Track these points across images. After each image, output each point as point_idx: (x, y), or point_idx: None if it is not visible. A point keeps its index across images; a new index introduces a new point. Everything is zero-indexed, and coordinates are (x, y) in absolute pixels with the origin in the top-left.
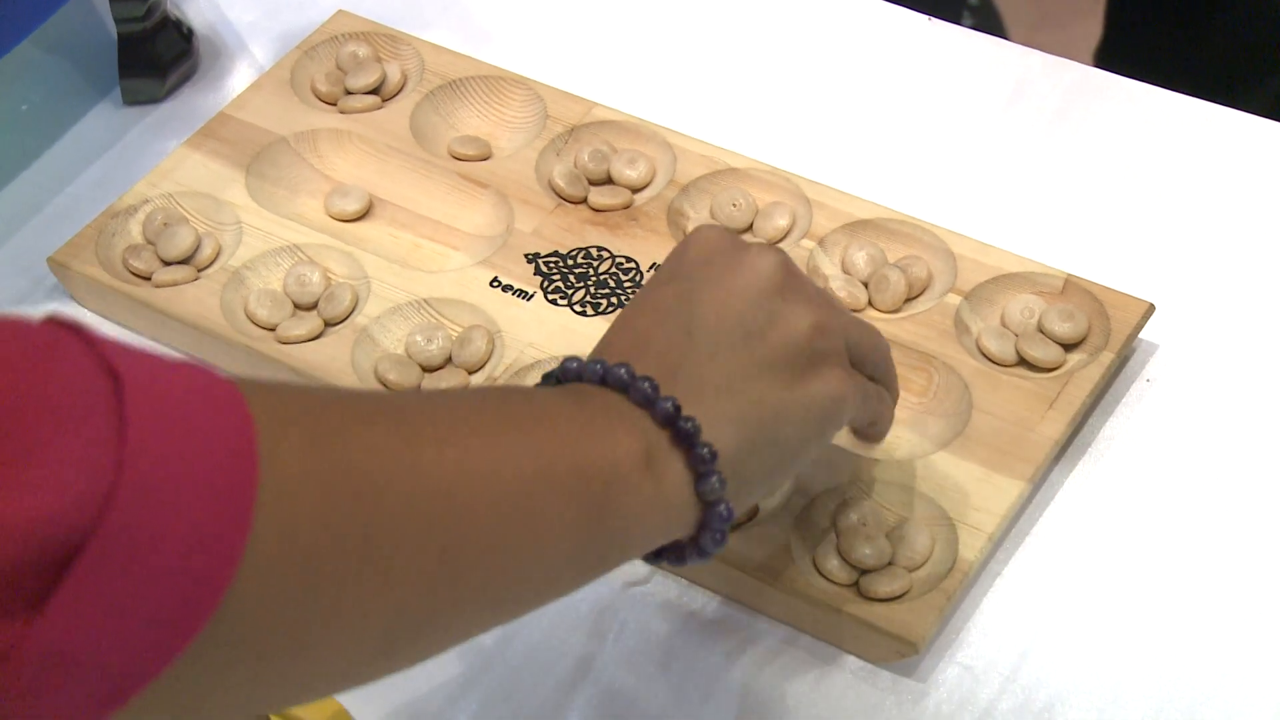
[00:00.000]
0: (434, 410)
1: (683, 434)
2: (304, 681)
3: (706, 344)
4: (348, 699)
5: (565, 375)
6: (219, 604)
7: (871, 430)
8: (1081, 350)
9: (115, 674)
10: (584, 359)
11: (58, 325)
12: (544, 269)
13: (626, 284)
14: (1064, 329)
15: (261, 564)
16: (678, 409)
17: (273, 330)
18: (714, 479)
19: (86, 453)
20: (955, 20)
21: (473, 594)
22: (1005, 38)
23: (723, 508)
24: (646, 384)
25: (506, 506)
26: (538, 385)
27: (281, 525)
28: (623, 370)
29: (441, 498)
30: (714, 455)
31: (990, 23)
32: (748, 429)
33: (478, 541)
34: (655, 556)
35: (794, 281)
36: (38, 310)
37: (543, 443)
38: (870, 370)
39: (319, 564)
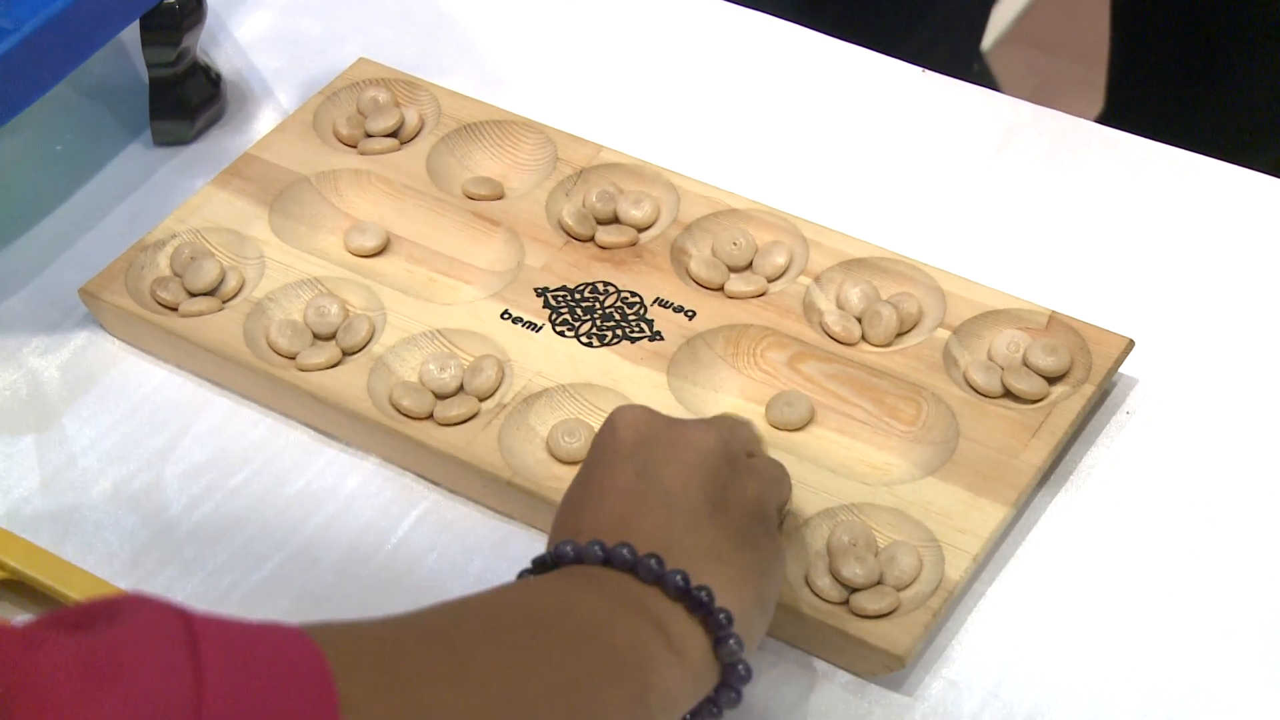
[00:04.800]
0: (482, 631)
1: (698, 603)
2: None
3: (685, 517)
4: None
5: (561, 559)
6: None
7: None
8: (1064, 383)
9: None
10: (576, 543)
11: (126, 595)
12: (553, 302)
13: (631, 317)
14: (1047, 363)
15: None
16: (688, 580)
17: (293, 359)
18: (732, 641)
19: (166, 671)
20: None
21: None
22: None
23: (742, 667)
24: (653, 560)
25: (565, 713)
26: (530, 571)
27: None
28: (625, 550)
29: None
30: (730, 619)
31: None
32: (746, 590)
33: None
34: None
35: (732, 452)
36: (68, 337)
37: (578, 644)
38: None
39: None
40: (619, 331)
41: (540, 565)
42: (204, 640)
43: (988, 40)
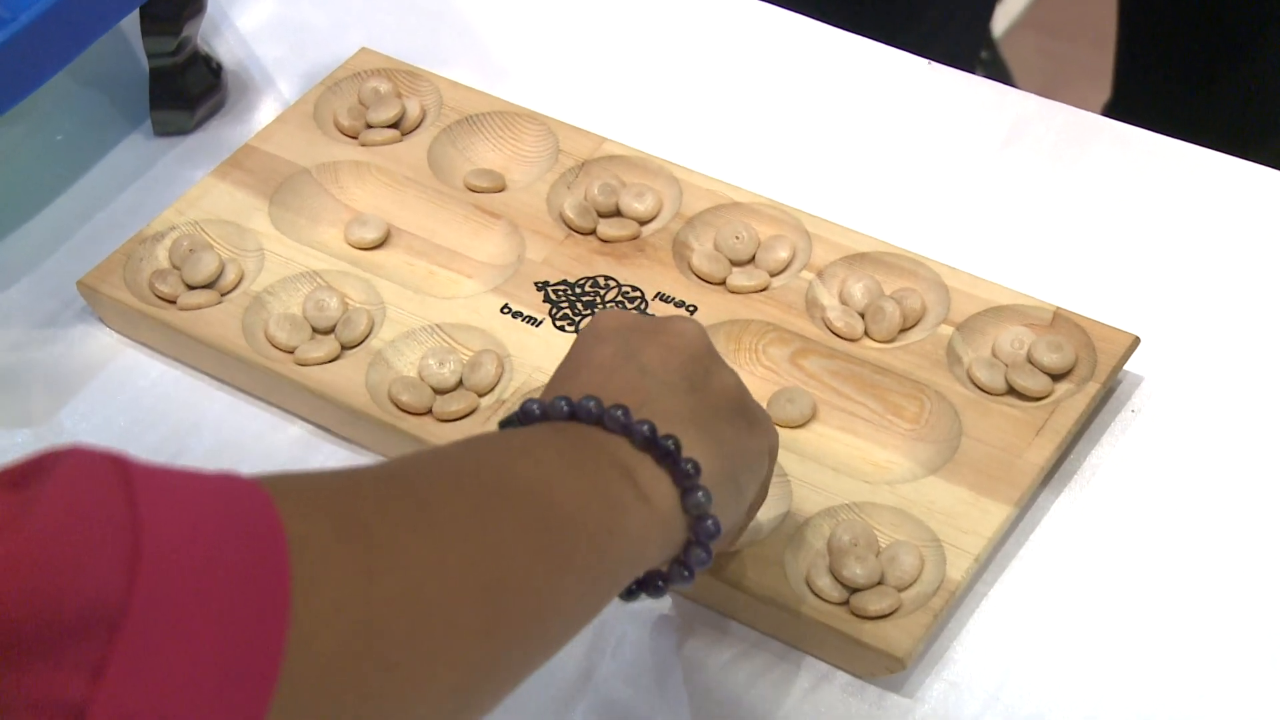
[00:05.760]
0: (441, 474)
1: (664, 452)
2: None
3: (662, 386)
4: None
5: (527, 417)
6: (282, 664)
7: None
8: (1069, 380)
9: None
10: (542, 401)
11: (57, 448)
12: (553, 297)
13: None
14: (1052, 360)
15: (312, 624)
16: (654, 430)
17: (291, 353)
18: (699, 493)
19: (100, 517)
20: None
21: (516, 649)
22: None
23: (710, 522)
24: (620, 411)
25: (531, 559)
26: (500, 429)
27: (322, 595)
28: (591, 403)
29: (472, 570)
30: (698, 469)
31: (1001, 78)
32: (719, 458)
33: (513, 603)
34: (633, 590)
35: (712, 347)
36: (66, 330)
37: (545, 486)
38: None
39: (368, 638)
40: None
41: (507, 425)
42: (138, 480)
43: (998, 26)
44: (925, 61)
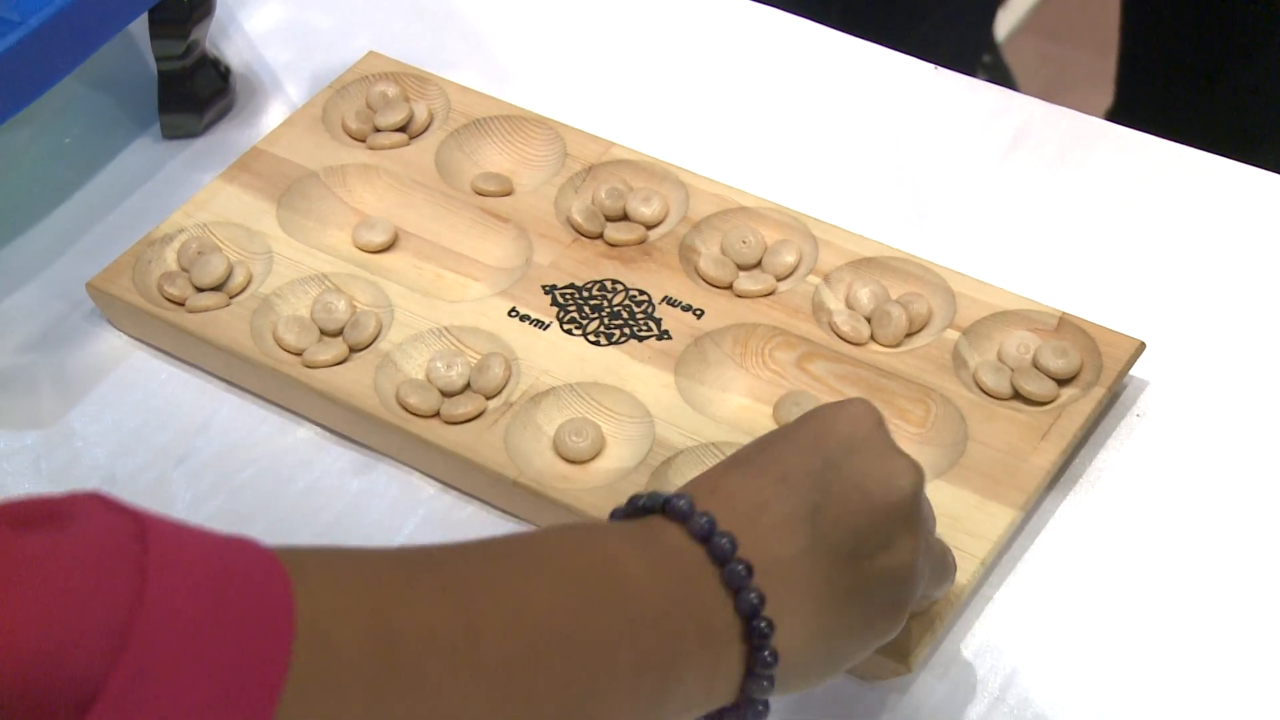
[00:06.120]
0: (490, 569)
1: (755, 631)
2: None
3: (816, 546)
4: None
5: (670, 511)
6: None
7: None
8: (1074, 385)
9: None
10: (693, 501)
11: (83, 495)
12: (560, 300)
13: (639, 315)
14: (1058, 365)
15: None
16: (762, 603)
17: (299, 355)
18: (764, 682)
19: (100, 594)
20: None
21: None
22: None
23: (760, 706)
24: (743, 568)
25: (567, 681)
26: (623, 511)
27: (320, 673)
28: (726, 541)
29: (500, 671)
30: (775, 661)
31: (1003, 82)
32: (814, 648)
33: (540, 711)
34: None
35: (918, 511)
36: (74, 332)
37: (611, 612)
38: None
39: None
40: (627, 330)
41: (639, 507)
42: (154, 555)
43: (1001, 31)
44: (931, 66)
